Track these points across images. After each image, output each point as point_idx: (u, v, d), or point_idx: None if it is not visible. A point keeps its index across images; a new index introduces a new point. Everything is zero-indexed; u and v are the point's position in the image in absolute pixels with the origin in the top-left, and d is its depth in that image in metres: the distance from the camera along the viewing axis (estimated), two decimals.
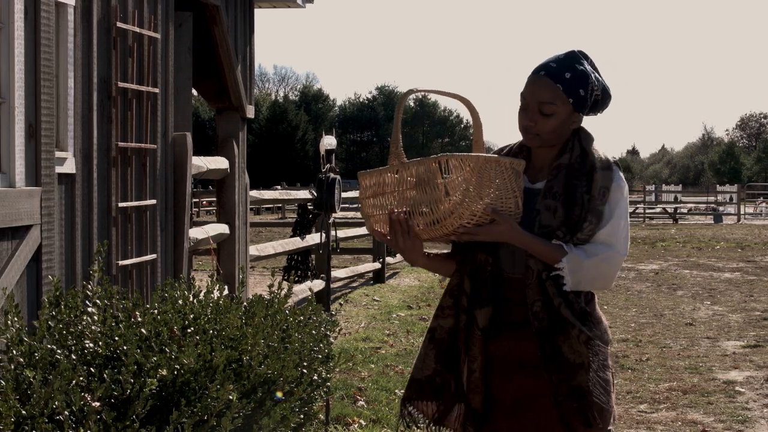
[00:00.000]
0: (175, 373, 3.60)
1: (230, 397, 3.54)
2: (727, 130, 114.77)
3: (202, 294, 4.60)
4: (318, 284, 11.00)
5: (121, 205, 5.89)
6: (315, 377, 4.60)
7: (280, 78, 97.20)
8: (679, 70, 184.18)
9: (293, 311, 4.86)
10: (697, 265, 18.23)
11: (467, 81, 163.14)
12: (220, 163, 7.83)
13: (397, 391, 7.21)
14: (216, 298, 4.59)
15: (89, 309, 3.92)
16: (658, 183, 69.82)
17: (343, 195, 11.29)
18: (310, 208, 11.87)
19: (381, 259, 15.49)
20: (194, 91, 8.11)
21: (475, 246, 2.96)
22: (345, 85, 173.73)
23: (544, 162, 3.01)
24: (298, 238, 11.46)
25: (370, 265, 15.43)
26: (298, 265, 11.92)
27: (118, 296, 4.18)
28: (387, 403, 6.81)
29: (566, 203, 2.89)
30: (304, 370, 4.43)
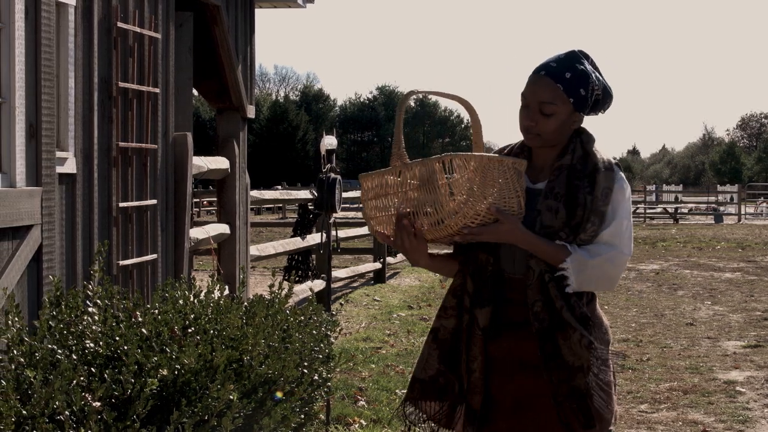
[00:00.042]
0: (176, 373, 3.60)
1: (231, 397, 3.54)
2: (727, 130, 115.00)
3: (202, 294, 4.60)
4: (318, 284, 11.00)
5: (122, 205, 5.89)
6: (316, 377, 4.60)
7: (281, 78, 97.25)
8: (680, 70, 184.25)
9: (294, 311, 4.86)
10: (698, 265, 18.23)
11: (468, 81, 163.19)
12: (220, 163, 7.83)
13: (397, 391, 7.21)
14: (217, 298, 4.59)
15: (90, 309, 3.92)
16: (658, 183, 69.83)
17: (344, 195, 11.28)
18: (310, 208, 11.87)
19: (382, 259, 15.49)
20: (195, 91, 8.11)
21: (477, 246, 2.96)
22: (345, 85, 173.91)
23: (545, 162, 3.01)
24: (299, 238, 11.46)
25: (370, 265, 15.43)
26: (299, 265, 11.92)
27: (118, 296, 4.18)
28: (388, 403, 6.81)
29: (568, 204, 2.89)
30: (305, 370, 4.43)
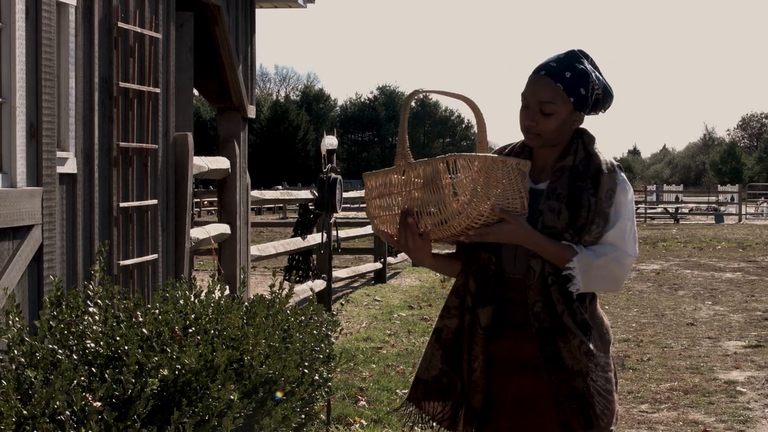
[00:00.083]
0: (177, 373, 3.60)
1: (231, 397, 3.54)
2: (728, 130, 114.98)
3: (203, 294, 4.60)
4: (319, 284, 11.00)
5: (123, 205, 5.89)
6: (316, 377, 4.60)
7: (282, 78, 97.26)
8: (681, 70, 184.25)
9: (294, 311, 4.86)
10: (699, 265, 18.22)
11: (468, 81, 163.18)
12: (221, 163, 7.84)
13: (398, 391, 7.21)
14: (217, 298, 4.59)
15: (90, 309, 3.92)
16: (659, 183, 69.79)
17: (345, 195, 11.29)
18: (311, 208, 11.87)
19: (382, 259, 15.49)
20: (195, 91, 8.11)
21: (479, 246, 2.96)
22: (346, 85, 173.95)
23: (546, 162, 3.01)
24: (300, 238, 11.46)
25: (371, 265, 15.43)
26: (300, 265, 11.93)
27: (119, 296, 4.19)
28: (388, 404, 6.81)
29: (570, 205, 2.88)
30: (306, 370, 4.43)
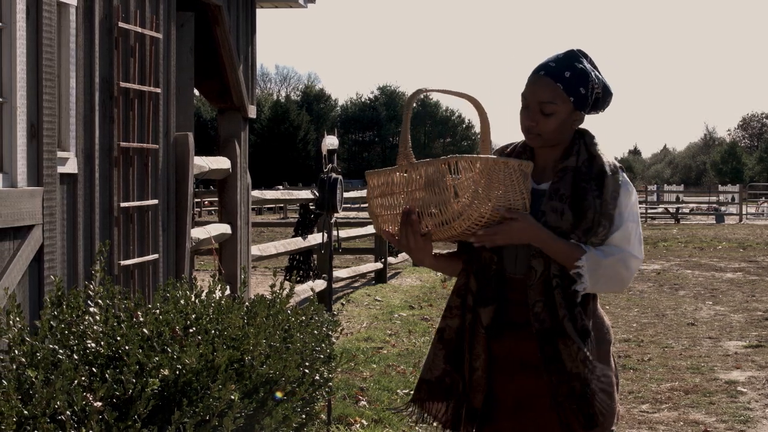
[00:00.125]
0: (177, 373, 3.60)
1: (232, 397, 3.54)
2: (729, 130, 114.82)
3: (204, 294, 4.60)
4: (320, 284, 11.00)
5: (123, 205, 5.89)
6: (317, 377, 4.60)
7: (282, 78, 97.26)
8: (681, 70, 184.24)
9: (295, 311, 4.86)
10: (699, 265, 18.22)
11: (468, 81, 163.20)
12: (222, 163, 7.84)
13: (399, 391, 7.21)
14: (218, 298, 4.59)
15: (91, 309, 3.92)
16: (660, 183, 69.77)
17: (345, 195, 11.28)
18: (312, 208, 11.87)
19: (383, 259, 15.49)
20: (196, 91, 8.11)
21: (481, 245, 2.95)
22: (347, 85, 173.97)
23: (547, 163, 3.00)
24: (300, 238, 11.46)
25: (372, 265, 15.43)
26: (300, 265, 11.93)
27: (119, 296, 4.19)
28: (389, 403, 6.81)
29: (574, 205, 2.88)
30: (306, 370, 4.43)
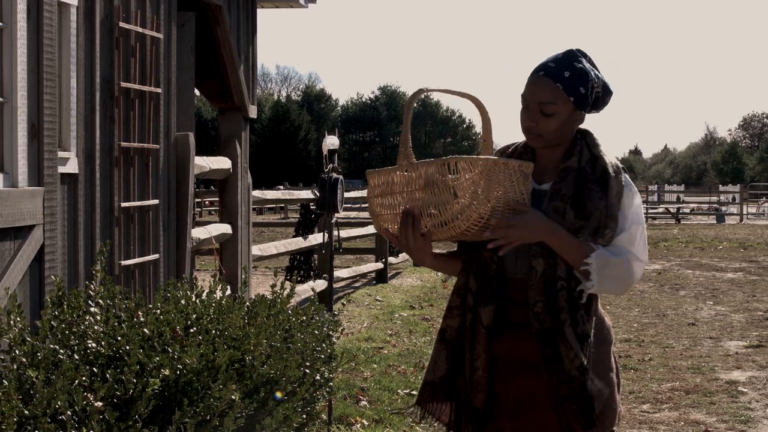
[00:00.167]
0: (178, 373, 3.60)
1: (233, 397, 3.54)
2: (729, 130, 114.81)
3: (204, 294, 4.60)
4: (320, 284, 11.00)
5: (124, 205, 5.89)
6: (317, 377, 4.60)
7: (283, 78, 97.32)
8: (682, 70, 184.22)
9: (296, 311, 4.86)
10: (700, 265, 18.21)
11: (469, 81, 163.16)
12: (222, 163, 7.84)
13: (399, 391, 7.21)
14: (218, 298, 4.59)
15: (92, 309, 3.92)
16: (660, 183, 69.73)
17: (346, 195, 11.29)
18: (312, 208, 11.87)
19: (383, 259, 15.48)
20: (197, 91, 8.11)
21: (481, 245, 2.95)
22: (347, 85, 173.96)
23: (549, 163, 2.99)
24: (301, 238, 11.46)
25: (372, 265, 15.42)
26: (301, 265, 11.93)
27: (120, 296, 4.19)
28: (390, 403, 6.81)
29: (575, 206, 2.87)
30: (307, 370, 4.43)
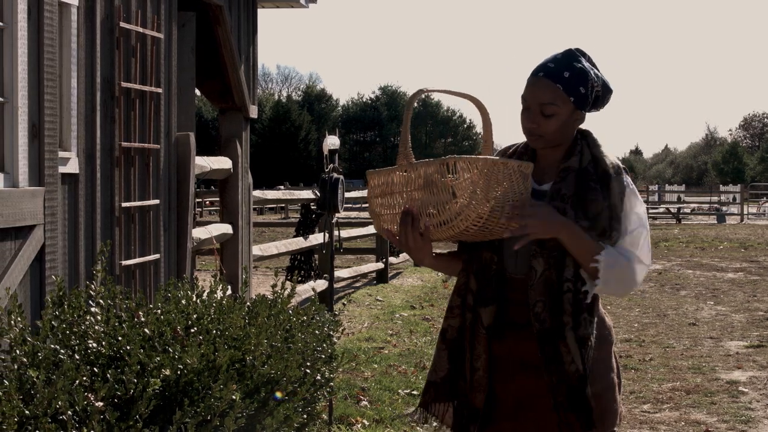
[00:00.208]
0: (179, 373, 3.60)
1: (233, 397, 3.54)
2: (730, 130, 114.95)
3: (205, 294, 4.60)
4: (321, 284, 11.01)
5: (125, 205, 5.89)
6: (318, 377, 4.60)
7: (284, 78, 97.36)
8: (683, 70, 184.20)
9: (296, 311, 4.86)
10: (701, 265, 18.21)
11: (470, 81, 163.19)
12: (223, 163, 7.84)
13: (400, 391, 7.21)
14: (219, 298, 4.59)
15: (92, 309, 3.92)
16: (661, 183, 69.71)
17: (346, 195, 11.29)
18: (313, 208, 11.87)
19: (384, 259, 15.48)
20: (197, 91, 8.11)
21: (481, 245, 2.95)
22: (348, 85, 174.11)
23: (549, 163, 2.99)
24: (302, 238, 11.46)
25: (373, 265, 15.43)
26: (302, 265, 11.93)
27: (121, 296, 4.18)
28: (390, 403, 6.81)
29: (576, 206, 2.87)
30: (308, 370, 4.43)
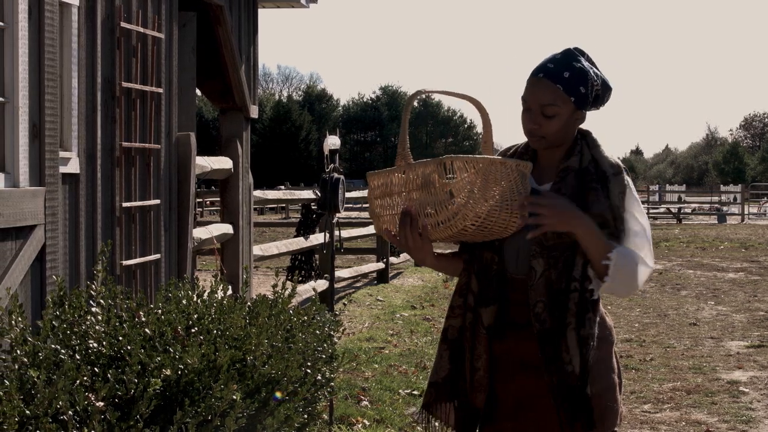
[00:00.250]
0: (179, 373, 3.60)
1: (234, 397, 3.54)
2: (730, 130, 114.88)
3: (206, 294, 4.60)
4: (322, 284, 11.01)
5: (125, 205, 5.89)
6: (319, 377, 4.59)
7: (284, 78, 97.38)
8: (683, 70, 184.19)
9: (297, 311, 4.86)
10: (701, 265, 18.21)
11: (470, 81, 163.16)
12: (223, 163, 7.84)
13: (401, 391, 7.21)
14: (220, 298, 4.59)
15: (93, 309, 3.92)
16: (661, 183, 69.67)
17: (347, 195, 11.29)
18: (313, 208, 11.87)
19: (385, 259, 15.48)
20: (198, 91, 8.11)
21: (482, 245, 2.96)
22: (349, 85, 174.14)
23: (550, 163, 2.99)
24: (302, 238, 11.47)
25: (373, 265, 15.43)
26: (302, 265, 11.93)
27: (122, 296, 4.18)
28: (391, 403, 6.81)
29: (576, 205, 2.87)
30: (308, 370, 4.43)
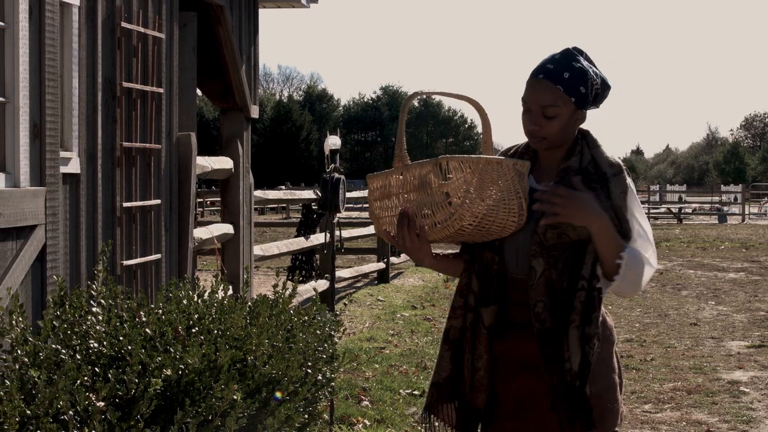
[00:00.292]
0: (180, 373, 3.60)
1: (235, 397, 3.54)
2: (731, 130, 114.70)
3: (206, 294, 4.60)
4: (322, 284, 11.01)
5: (126, 205, 5.89)
6: (319, 377, 4.59)
7: (285, 78, 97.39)
8: (684, 70, 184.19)
9: (298, 311, 4.86)
10: (702, 265, 18.21)
11: (470, 81, 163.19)
12: (224, 163, 7.84)
13: (401, 391, 7.21)
14: (220, 298, 4.59)
15: (94, 309, 3.92)
16: (662, 183, 69.67)
17: (348, 195, 11.29)
18: (314, 208, 11.87)
19: (385, 259, 15.48)
20: (199, 91, 8.11)
21: (482, 245, 2.96)
22: (349, 85, 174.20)
23: (550, 163, 2.99)
24: (303, 238, 11.47)
25: (374, 265, 15.43)
26: (303, 265, 11.93)
27: (122, 296, 4.18)
28: (391, 403, 6.81)
29: None
30: (309, 370, 4.43)
